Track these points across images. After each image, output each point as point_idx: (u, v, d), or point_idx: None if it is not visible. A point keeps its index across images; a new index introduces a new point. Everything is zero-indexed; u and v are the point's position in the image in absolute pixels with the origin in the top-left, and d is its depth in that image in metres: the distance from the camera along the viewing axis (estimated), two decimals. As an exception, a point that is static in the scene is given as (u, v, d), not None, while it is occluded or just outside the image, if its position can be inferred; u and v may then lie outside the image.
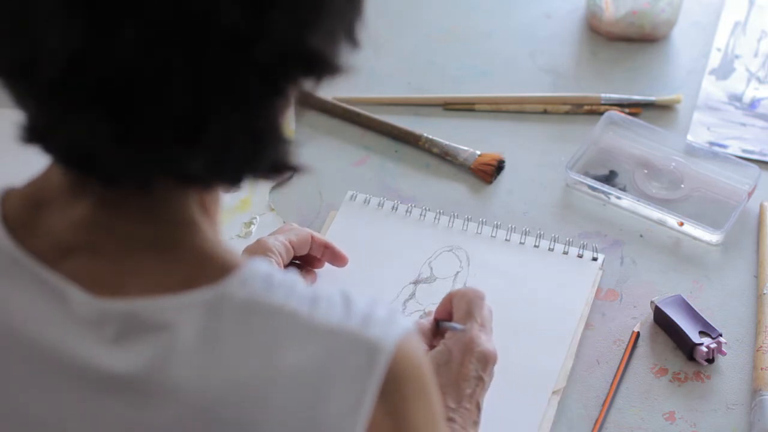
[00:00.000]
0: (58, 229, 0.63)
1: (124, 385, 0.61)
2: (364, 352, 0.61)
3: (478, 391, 0.88)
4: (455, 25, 1.44)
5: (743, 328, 1.08)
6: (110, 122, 0.58)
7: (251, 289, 0.62)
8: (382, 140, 1.28)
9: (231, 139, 0.60)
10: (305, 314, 0.61)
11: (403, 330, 0.63)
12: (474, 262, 1.14)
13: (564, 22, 1.44)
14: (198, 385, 0.60)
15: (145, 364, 0.60)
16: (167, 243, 0.64)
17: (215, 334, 0.61)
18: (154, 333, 0.61)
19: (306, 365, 0.60)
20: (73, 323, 0.61)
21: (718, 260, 1.15)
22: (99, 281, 0.62)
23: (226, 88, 0.58)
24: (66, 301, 0.62)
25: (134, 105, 0.58)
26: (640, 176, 1.22)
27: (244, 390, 0.60)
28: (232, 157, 0.62)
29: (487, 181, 1.24)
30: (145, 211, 0.64)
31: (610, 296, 1.11)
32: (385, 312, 0.63)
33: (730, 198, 1.20)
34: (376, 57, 1.39)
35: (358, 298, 0.64)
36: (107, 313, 0.61)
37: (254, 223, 1.18)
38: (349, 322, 0.62)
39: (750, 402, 1.01)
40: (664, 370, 1.05)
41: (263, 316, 0.61)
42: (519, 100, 1.33)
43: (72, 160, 0.61)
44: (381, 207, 1.19)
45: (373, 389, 0.61)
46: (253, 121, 0.61)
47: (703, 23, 1.43)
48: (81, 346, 0.61)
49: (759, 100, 1.33)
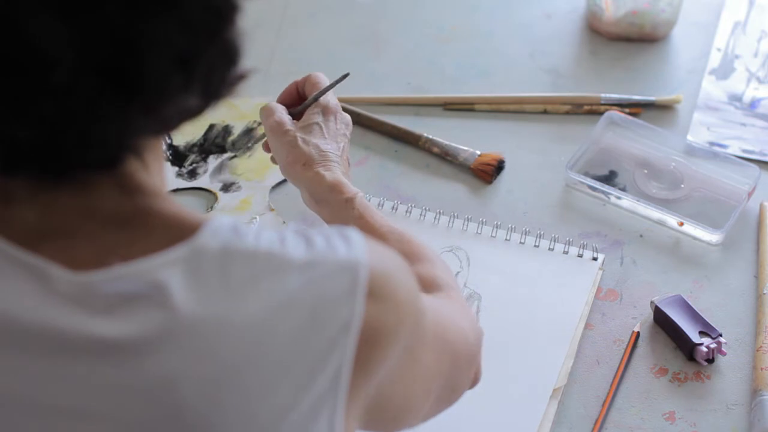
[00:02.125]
0: (30, 219, 0.64)
1: (128, 351, 0.61)
2: (345, 273, 0.64)
3: (346, 148, 1.00)
4: (455, 25, 1.44)
5: (743, 328, 1.08)
6: (123, 100, 0.60)
7: (222, 238, 0.64)
8: (382, 140, 1.28)
9: (215, 65, 0.63)
10: (279, 252, 0.64)
11: (362, 242, 0.67)
12: (474, 262, 1.14)
13: (564, 22, 1.44)
14: (204, 334, 0.62)
15: (147, 326, 0.61)
16: (139, 214, 0.65)
17: (201, 284, 0.62)
18: (146, 295, 0.62)
19: (292, 297, 0.63)
20: (58, 301, 0.62)
21: (718, 260, 1.15)
22: (78, 260, 0.63)
23: (208, 16, 0.61)
24: (48, 280, 0.62)
25: (140, 73, 0.60)
26: (640, 176, 1.22)
27: (241, 331, 0.62)
28: (216, 78, 0.64)
29: (487, 181, 1.24)
30: (113, 188, 0.65)
31: (610, 296, 1.11)
32: (338, 233, 0.67)
33: (730, 198, 1.20)
34: (376, 57, 1.40)
35: (311, 232, 0.67)
36: (91, 286, 0.62)
37: (254, 223, 1.18)
38: (318, 252, 0.65)
39: (750, 402, 1.01)
40: (664, 370, 1.05)
41: (241, 259, 0.64)
42: (519, 100, 1.33)
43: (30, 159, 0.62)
44: (381, 207, 1.19)
45: (361, 302, 0.64)
46: (229, 41, 0.63)
47: (703, 23, 1.43)
48: (70, 321, 0.61)
49: (759, 100, 1.33)
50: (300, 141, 0.98)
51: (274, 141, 1.00)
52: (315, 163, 0.96)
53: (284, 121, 0.99)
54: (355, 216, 0.94)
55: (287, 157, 0.98)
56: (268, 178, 1.23)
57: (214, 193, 1.22)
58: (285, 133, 0.98)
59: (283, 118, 1.00)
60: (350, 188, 0.95)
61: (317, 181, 0.95)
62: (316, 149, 0.97)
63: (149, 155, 0.67)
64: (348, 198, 0.94)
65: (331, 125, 1.00)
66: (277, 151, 1.00)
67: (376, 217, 0.94)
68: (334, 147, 0.98)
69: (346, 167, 0.99)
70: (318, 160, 0.96)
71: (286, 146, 0.98)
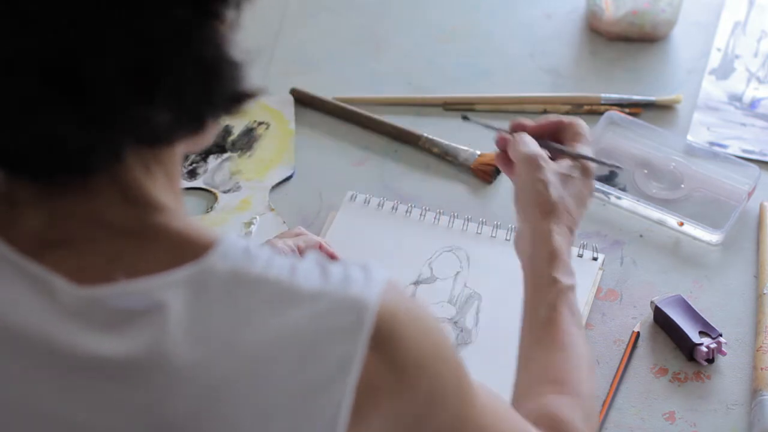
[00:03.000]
0: (35, 225, 0.64)
1: (123, 370, 0.61)
2: (350, 312, 0.62)
3: (584, 214, 0.97)
4: (455, 25, 1.44)
5: (743, 328, 1.08)
6: (68, 101, 0.59)
7: (232, 261, 0.63)
8: (382, 140, 1.28)
9: (185, 76, 0.61)
10: (287, 281, 0.63)
11: (382, 282, 0.64)
12: (474, 262, 1.14)
13: (564, 22, 1.44)
14: (194, 360, 0.61)
15: (141, 347, 0.61)
16: (144, 228, 0.64)
17: (204, 308, 0.62)
18: (145, 315, 0.61)
19: (294, 329, 0.62)
20: (61, 313, 0.62)
21: (718, 260, 1.15)
22: (82, 271, 0.63)
23: (163, 24, 0.59)
24: (52, 292, 0.62)
25: (85, 76, 0.59)
26: (640, 176, 1.22)
27: (237, 359, 0.61)
28: (191, 93, 0.62)
29: (487, 181, 1.24)
30: (117, 198, 0.64)
31: (610, 296, 1.11)
32: (360, 270, 0.64)
33: (730, 198, 1.20)
34: (376, 57, 1.40)
35: (332, 264, 0.65)
36: (94, 301, 0.62)
37: (254, 223, 1.18)
38: (330, 285, 0.63)
39: (750, 402, 1.01)
40: (664, 370, 1.05)
41: (247, 286, 0.62)
42: (519, 100, 1.33)
43: (37, 164, 0.62)
44: (381, 207, 1.19)
45: (363, 344, 0.62)
46: (199, 50, 0.62)
47: (703, 23, 1.43)
48: (71, 335, 0.61)
49: (759, 100, 1.33)
50: (552, 188, 0.93)
51: (524, 169, 0.94)
52: (554, 218, 0.92)
53: (543, 155, 0.95)
54: (548, 300, 0.89)
55: (532, 196, 0.93)
56: (268, 178, 1.23)
57: (214, 193, 1.22)
58: (539, 169, 0.93)
59: (541, 152, 0.95)
60: (567, 271, 0.91)
61: (544, 237, 0.91)
62: (563, 204, 0.93)
63: (156, 168, 0.66)
64: (556, 279, 0.89)
65: (583, 187, 0.96)
66: (522, 182, 0.95)
67: (567, 318, 0.88)
68: (578, 211, 0.95)
69: (575, 236, 0.95)
70: (559, 217, 0.92)
71: (536, 183, 0.93)
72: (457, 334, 1.07)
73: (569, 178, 0.95)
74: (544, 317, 0.88)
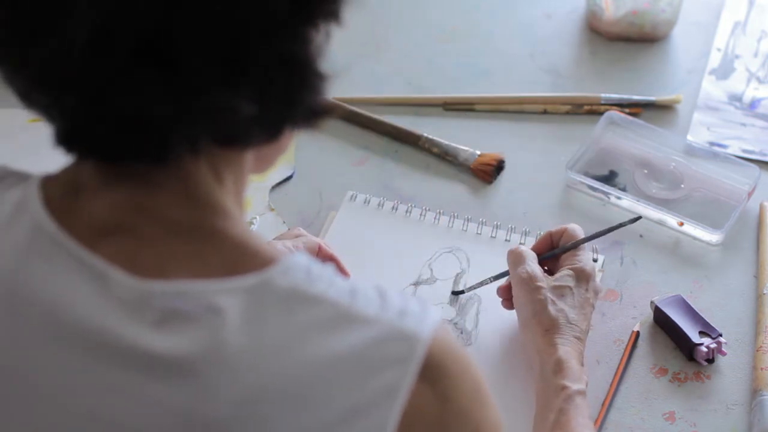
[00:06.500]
0: (96, 213, 0.64)
1: (171, 369, 0.61)
2: (403, 342, 0.63)
3: (590, 316, 1.01)
4: (455, 25, 1.44)
5: (743, 328, 1.08)
6: (159, 76, 0.59)
7: (293, 278, 0.63)
8: (382, 140, 1.28)
9: (271, 71, 0.62)
10: (346, 304, 0.63)
11: (436, 321, 0.65)
12: (474, 262, 1.14)
13: (564, 22, 1.44)
14: (246, 365, 0.61)
15: (195, 347, 0.61)
16: (205, 229, 0.65)
17: (261, 318, 0.62)
18: (201, 317, 0.61)
19: (347, 352, 0.62)
20: (114, 305, 0.62)
21: (718, 260, 1.15)
22: (139, 264, 0.63)
23: (259, 16, 0.60)
24: (107, 283, 0.62)
25: (177, 53, 0.59)
26: (640, 176, 1.22)
27: (288, 371, 0.61)
28: (275, 92, 0.63)
29: (487, 181, 1.24)
30: (181, 195, 0.65)
31: (610, 296, 1.11)
32: (418, 305, 0.66)
33: (730, 198, 1.20)
34: (376, 57, 1.40)
35: (392, 293, 0.66)
36: (149, 296, 0.62)
37: (254, 223, 1.18)
38: (387, 313, 0.64)
39: (750, 402, 1.01)
40: (664, 370, 1.05)
41: (306, 304, 0.63)
42: (519, 100, 1.33)
43: (116, 142, 0.62)
44: (381, 207, 1.19)
45: (412, 374, 0.62)
46: (290, 50, 0.62)
47: (703, 23, 1.43)
48: (123, 328, 0.61)
49: (759, 100, 1.33)
50: (549, 304, 0.98)
51: (521, 292, 1.00)
52: (557, 333, 0.96)
53: (537, 275, 1.00)
54: (557, 405, 0.92)
55: (533, 316, 0.98)
56: (268, 178, 1.23)
57: (214, 194, 1.22)
58: (536, 290, 0.99)
59: (535, 271, 1.00)
60: (575, 376, 0.94)
61: (549, 351, 0.96)
62: (564, 317, 0.98)
63: (226, 172, 0.67)
64: (564, 386, 0.93)
65: (581, 291, 1.00)
66: (521, 304, 1.00)
67: (575, 421, 0.91)
68: (581, 318, 0.98)
69: (584, 339, 0.98)
70: (561, 330, 0.97)
71: (534, 304, 0.98)
72: (457, 336, 1.07)
73: (565, 289, 0.99)
74: (552, 421, 0.92)
